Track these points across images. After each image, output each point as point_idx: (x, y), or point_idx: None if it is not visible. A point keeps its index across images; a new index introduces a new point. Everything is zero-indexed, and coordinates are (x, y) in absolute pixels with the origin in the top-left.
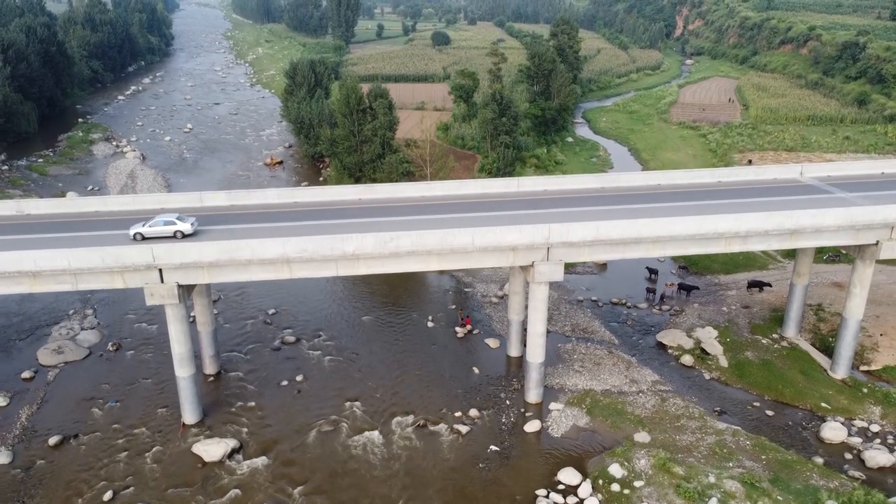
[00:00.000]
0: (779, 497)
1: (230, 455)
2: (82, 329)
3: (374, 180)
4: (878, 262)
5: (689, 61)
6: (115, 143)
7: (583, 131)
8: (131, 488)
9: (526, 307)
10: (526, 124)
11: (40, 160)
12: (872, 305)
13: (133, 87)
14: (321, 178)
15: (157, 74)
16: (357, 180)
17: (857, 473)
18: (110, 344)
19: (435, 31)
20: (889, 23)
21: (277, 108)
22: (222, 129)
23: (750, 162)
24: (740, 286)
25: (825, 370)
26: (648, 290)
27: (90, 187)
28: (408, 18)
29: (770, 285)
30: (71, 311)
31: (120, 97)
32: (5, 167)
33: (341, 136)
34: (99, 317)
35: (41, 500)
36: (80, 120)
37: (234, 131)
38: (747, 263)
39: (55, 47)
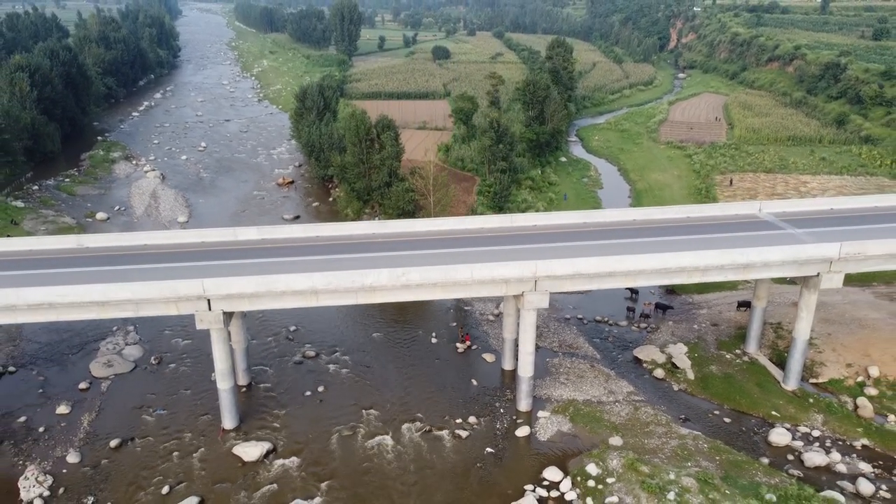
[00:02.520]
0: (727, 491)
1: (265, 456)
2: (126, 344)
3: (381, 205)
4: None
5: (681, 75)
6: (134, 163)
7: (576, 150)
8: (183, 484)
9: (518, 327)
10: (522, 146)
11: (67, 180)
12: (826, 324)
13: (146, 103)
14: (331, 199)
15: (168, 89)
16: (365, 203)
17: (795, 472)
18: (153, 358)
19: (435, 45)
20: (871, 42)
21: (285, 126)
22: (234, 148)
23: (731, 182)
24: (712, 305)
25: (779, 382)
26: (629, 309)
27: (117, 207)
28: (408, 28)
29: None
30: (114, 328)
31: (134, 113)
32: (35, 187)
33: (351, 163)
34: (139, 333)
35: (110, 493)
36: (99, 138)
37: (246, 149)
38: (720, 285)
39: (75, 69)
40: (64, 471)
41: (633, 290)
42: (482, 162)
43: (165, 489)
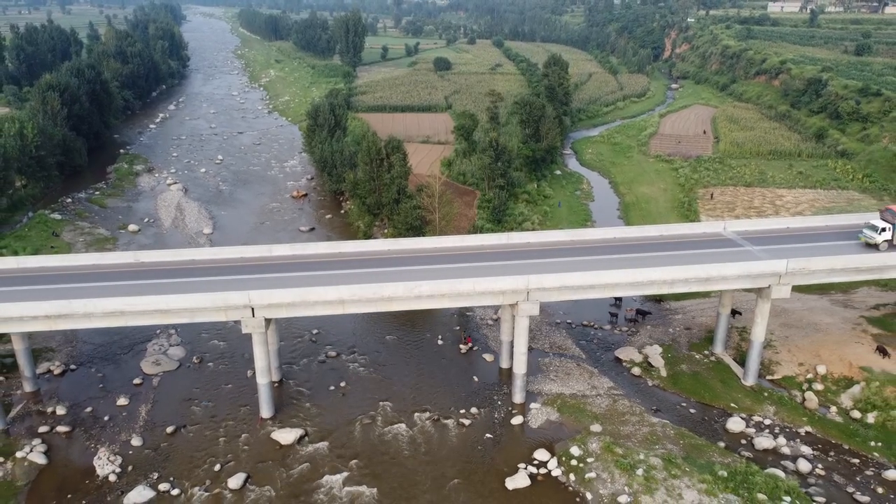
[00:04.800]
0: (686, 469)
1: (299, 440)
2: (170, 346)
3: (391, 220)
4: (796, 290)
5: (674, 85)
6: (156, 175)
7: (571, 162)
8: (231, 462)
9: (513, 331)
10: (519, 161)
11: (97, 193)
12: (785, 328)
13: (161, 115)
14: (342, 211)
15: (180, 100)
16: (375, 217)
17: (746, 454)
18: (194, 357)
19: (437, 56)
20: (853, 58)
21: (296, 138)
22: (249, 160)
23: (712, 196)
24: (686, 311)
25: (739, 379)
26: (612, 315)
27: (146, 219)
28: (409, 35)
29: (741, 313)
30: (158, 331)
31: (151, 126)
32: (69, 200)
33: (362, 180)
34: (180, 335)
35: (171, 470)
36: (121, 151)
37: (260, 162)
38: (695, 293)
39: (99, 85)
40: (130, 452)
41: (618, 298)
42: (482, 178)
43: (217, 467)
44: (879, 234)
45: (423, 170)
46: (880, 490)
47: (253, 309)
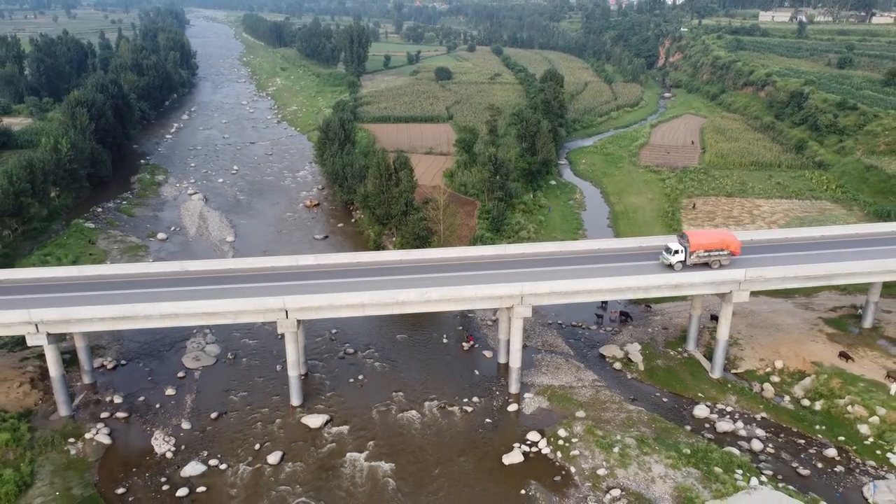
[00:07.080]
0: (656, 447)
1: (325, 424)
2: (207, 343)
3: (399, 230)
4: (764, 294)
5: (667, 94)
6: (177, 185)
7: (566, 172)
8: (269, 443)
9: (510, 330)
10: (516, 173)
11: (124, 203)
12: (751, 328)
13: (175, 125)
14: (353, 220)
15: (192, 109)
16: (384, 226)
17: (709, 435)
18: (229, 354)
19: (438, 66)
20: (835, 71)
21: (305, 148)
22: (262, 171)
23: (694, 206)
24: (665, 313)
25: (707, 372)
26: (598, 316)
27: (172, 228)
28: (410, 42)
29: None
30: (194, 331)
31: (167, 136)
32: (99, 209)
33: (372, 193)
34: (215, 334)
35: (217, 449)
36: (141, 161)
37: (273, 172)
38: (672, 297)
39: (121, 99)
40: (181, 434)
41: (604, 302)
42: (482, 189)
43: (257, 446)
44: (673, 255)
45: (426, 180)
46: (820, 465)
47: (287, 311)
